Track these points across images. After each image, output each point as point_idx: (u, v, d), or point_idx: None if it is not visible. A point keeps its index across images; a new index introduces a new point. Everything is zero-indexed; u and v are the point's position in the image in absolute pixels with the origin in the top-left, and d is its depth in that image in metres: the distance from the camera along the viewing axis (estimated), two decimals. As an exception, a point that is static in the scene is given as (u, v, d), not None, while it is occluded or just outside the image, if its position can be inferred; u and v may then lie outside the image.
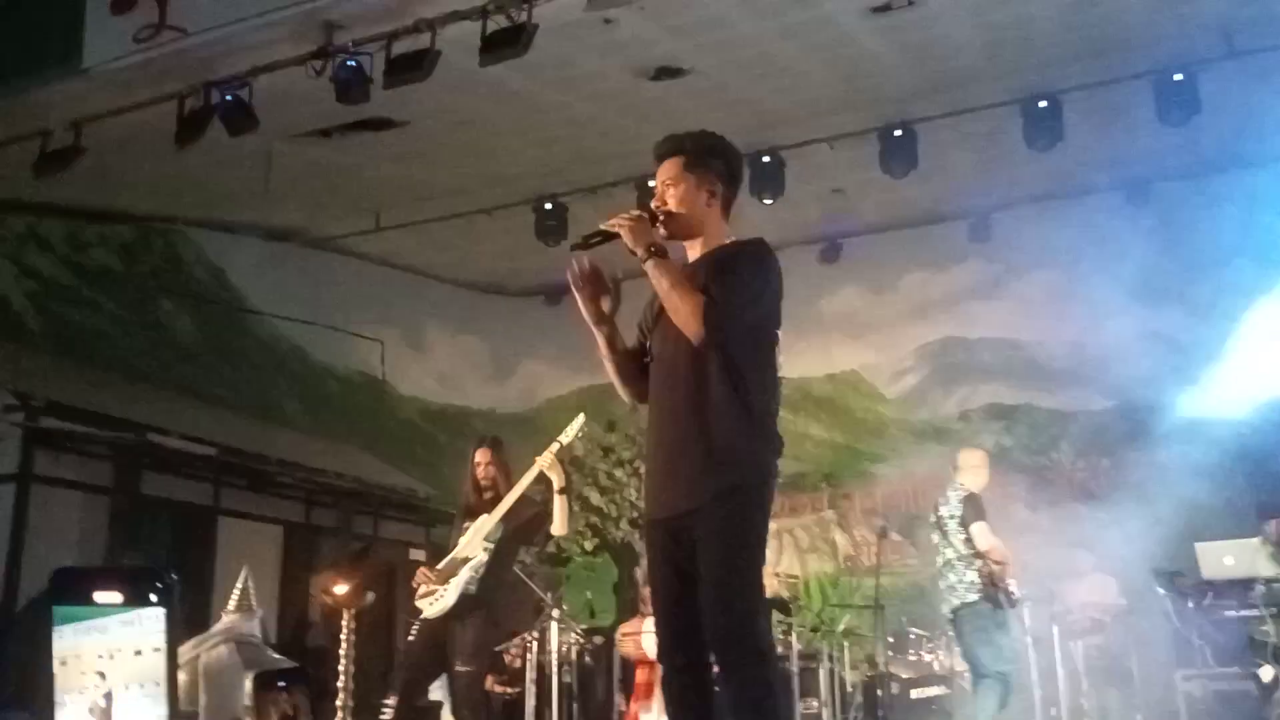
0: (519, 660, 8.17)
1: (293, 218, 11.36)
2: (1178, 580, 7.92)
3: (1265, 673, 6.94)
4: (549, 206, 10.30)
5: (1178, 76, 8.15)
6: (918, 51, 8.51)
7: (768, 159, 9.30)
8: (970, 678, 6.73)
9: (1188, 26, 8.13)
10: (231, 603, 4.92)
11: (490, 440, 5.78)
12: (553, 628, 7.66)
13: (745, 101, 9.12)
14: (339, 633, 5.32)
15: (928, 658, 8.53)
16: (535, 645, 7.79)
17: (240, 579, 5.02)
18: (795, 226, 11.21)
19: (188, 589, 8.17)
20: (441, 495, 10.75)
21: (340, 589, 5.44)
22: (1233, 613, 7.66)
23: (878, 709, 8.15)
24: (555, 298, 13.17)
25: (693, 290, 3.06)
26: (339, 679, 5.11)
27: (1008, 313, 11.17)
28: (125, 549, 8.58)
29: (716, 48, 8.32)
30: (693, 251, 3.32)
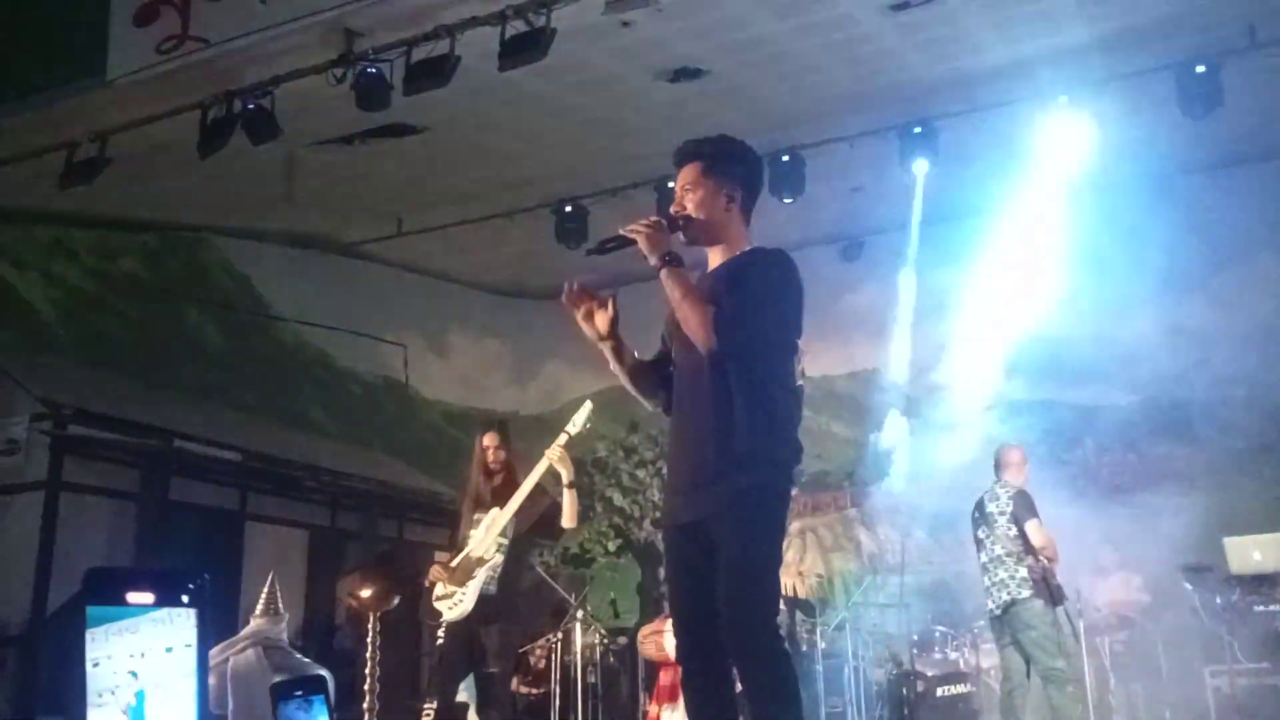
0: (544, 661, 8.21)
1: (316, 224, 11.44)
2: (1205, 576, 7.88)
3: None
4: (569, 209, 10.33)
5: (1200, 68, 8.08)
6: (937, 49, 8.49)
7: (787, 158, 9.29)
8: (1017, 675, 6.66)
9: (1210, 18, 8.07)
10: (258, 607, 4.96)
11: (498, 425, 5.69)
12: (577, 628, 7.70)
13: (764, 101, 9.12)
14: (365, 635, 5.36)
15: (953, 656, 8.51)
16: (560, 646, 7.84)
17: (267, 583, 5.05)
18: (816, 225, 11.19)
19: (215, 593, 8.26)
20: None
21: (366, 592, 5.46)
22: (1261, 608, 7.62)
23: (903, 707, 8.14)
24: (577, 300, 13.21)
25: (702, 301, 3.08)
26: (365, 682, 5.15)
27: (1029, 309, 11.08)
28: (153, 554, 8.66)
29: (735, 48, 8.33)
30: (714, 258, 3.33)
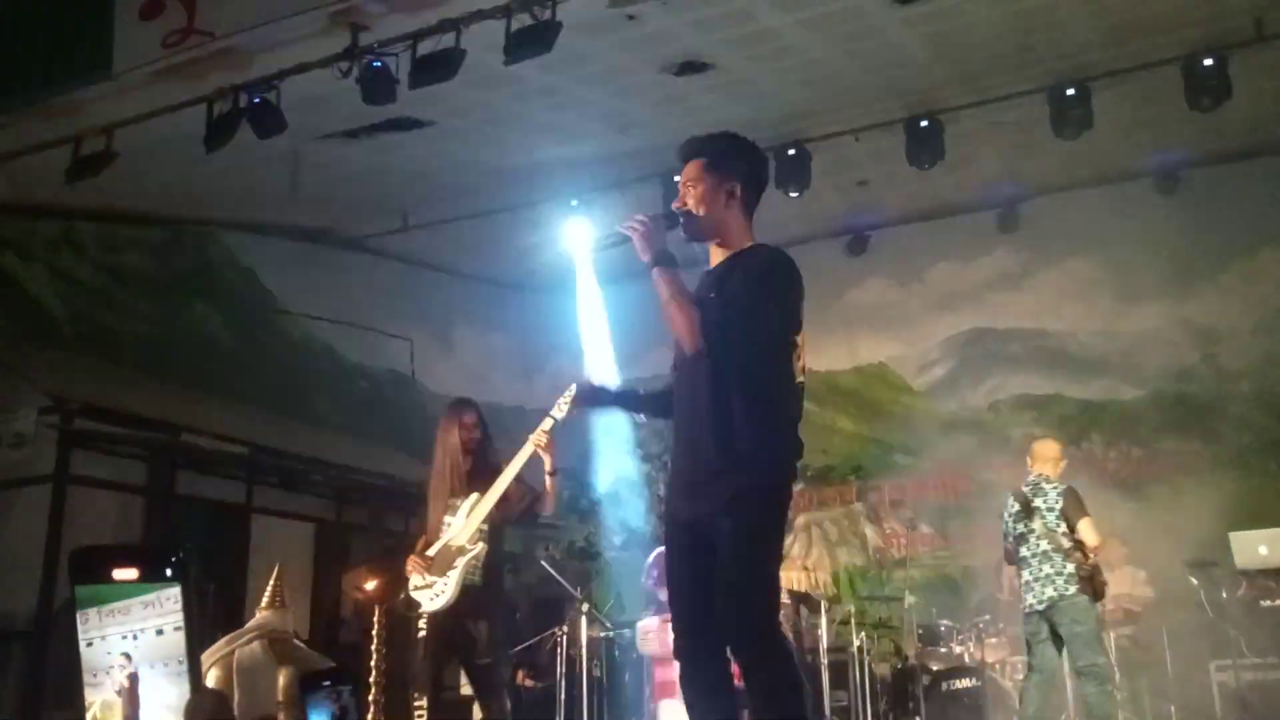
0: (549, 655, 8.23)
1: (321, 218, 11.44)
2: (1211, 570, 7.87)
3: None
4: (574, 203, 10.33)
5: (1207, 61, 8.05)
6: (943, 41, 8.46)
7: (793, 151, 9.27)
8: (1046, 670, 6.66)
9: (1216, 10, 8.03)
10: (264, 599, 4.97)
11: (474, 402, 5.41)
12: (582, 622, 7.71)
13: (770, 94, 9.10)
14: (371, 629, 5.36)
15: (958, 649, 8.51)
16: (565, 640, 7.85)
17: (273, 576, 5.06)
18: (821, 219, 11.19)
19: (222, 586, 8.29)
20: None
21: (371, 585, 5.47)
22: (1267, 602, 7.62)
23: (908, 701, 8.15)
24: (582, 293, 13.23)
25: (689, 304, 3.10)
26: (370, 674, 5.16)
27: (1036, 303, 11.10)
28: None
29: (740, 41, 8.31)
30: (715, 255, 3.35)
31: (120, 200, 9.90)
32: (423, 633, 5.11)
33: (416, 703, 5.02)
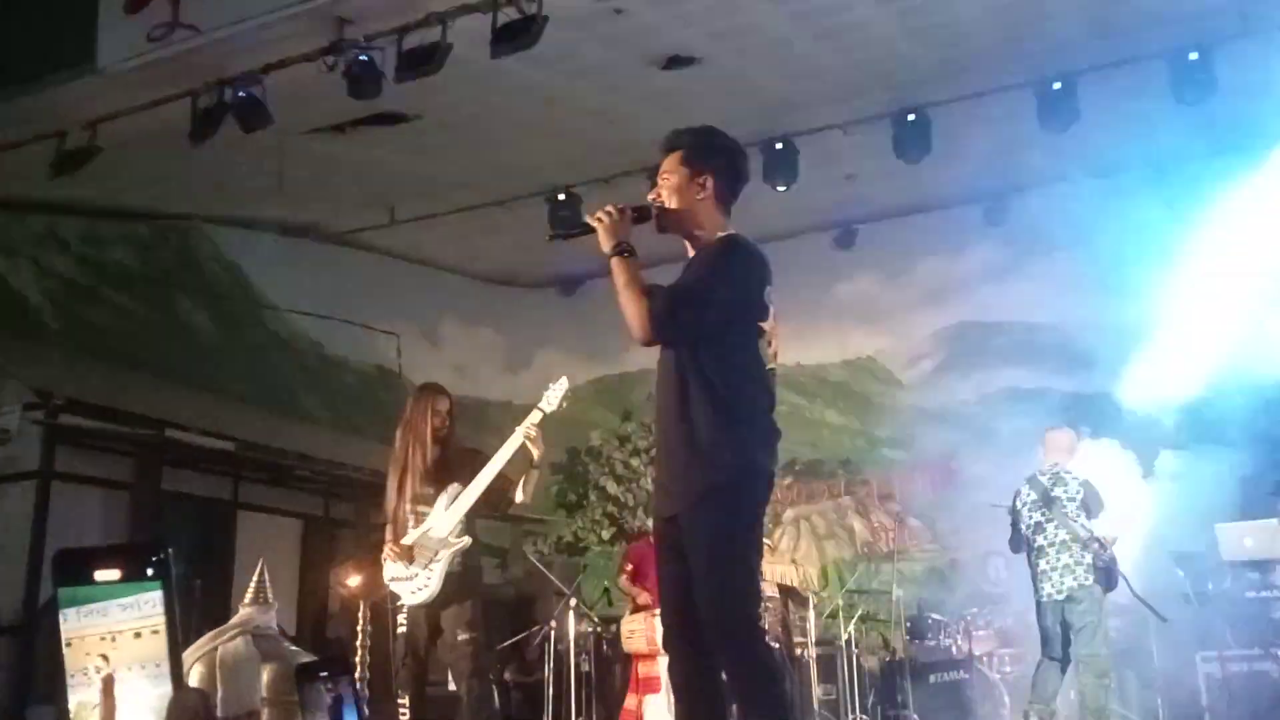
0: (537, 650, 8.22)
1: (307, 213, 11.40)
2: (1197, 562, 7.91)
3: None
4: (562, 197, 10.30)
5: (1193, 55, 8.06)
6: (930, 35, 8.46)
7: (780, 146, 9.26)
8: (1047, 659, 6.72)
9: (1201, 4, 8.05)
10: (247, 595, 4.95)
11: (445, 389, 5.19)
12: (570, 617, 7.70)
13: (757, 89, 9.09)
14: (356, 624, 5.35)
15: (945, 643, 8.53)
16: (553, 635, 7.84)
17: (256, 571, 5.04)
18: (809, 213, 11.18)
19: (208, 583, 8.26)
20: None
21: (357, 580, 5.46)
22: (1253, 594, 7.65)
23: (896, 694, 8.16)
24: (569, 288, 13.22)
25: (642, 293, 3.09)
26: (356, 669, 5.15)
27: (1024, 296, 11.10)
28: (146, 544, 8.66)
29: (727, 35, 8.30)
30: (690, 248, 3.34)
31: (105, 195, 9.86)
32: (402, 628, 4.95)
33: (400, 700, 4.95)
